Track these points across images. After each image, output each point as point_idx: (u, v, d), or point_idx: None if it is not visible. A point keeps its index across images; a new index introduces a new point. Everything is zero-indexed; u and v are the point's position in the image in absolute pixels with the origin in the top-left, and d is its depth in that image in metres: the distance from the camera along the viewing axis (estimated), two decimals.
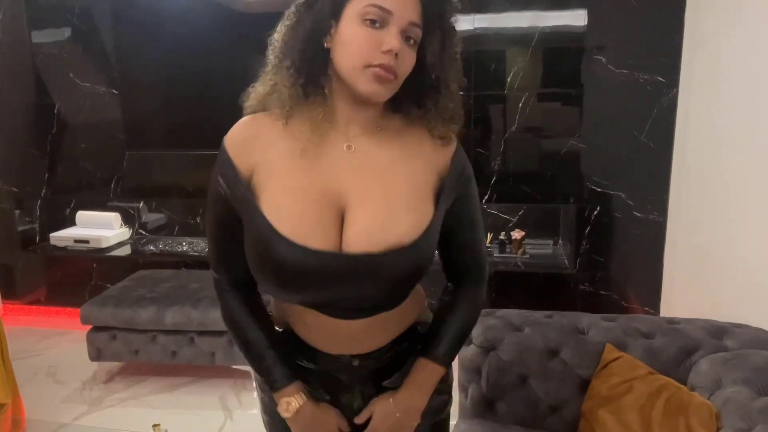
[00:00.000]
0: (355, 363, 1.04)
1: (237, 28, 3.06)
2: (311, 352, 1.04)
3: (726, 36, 2.17)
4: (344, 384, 1.06)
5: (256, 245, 0.93)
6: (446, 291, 1.12)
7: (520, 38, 2.80)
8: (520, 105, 2.86)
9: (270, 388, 1.03)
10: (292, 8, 0.96)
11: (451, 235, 1.04)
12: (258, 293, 1.07)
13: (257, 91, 0.99)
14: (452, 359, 1.08)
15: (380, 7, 0.88)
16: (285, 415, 1.02)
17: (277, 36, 0.97)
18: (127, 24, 3.20)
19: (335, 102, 0.96)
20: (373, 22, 0.88)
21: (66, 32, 3.27)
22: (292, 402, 1.01)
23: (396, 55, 0.89)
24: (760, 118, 1.87)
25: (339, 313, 0.98)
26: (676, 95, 2.63)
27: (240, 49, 3.08)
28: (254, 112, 1.00)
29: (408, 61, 0.92)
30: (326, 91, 0.95)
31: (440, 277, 1.14)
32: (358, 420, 1.06)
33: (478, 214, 1.06)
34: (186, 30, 3.10)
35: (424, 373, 1.05)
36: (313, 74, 0.94)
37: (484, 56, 2.86)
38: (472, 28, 2.84)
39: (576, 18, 2.73)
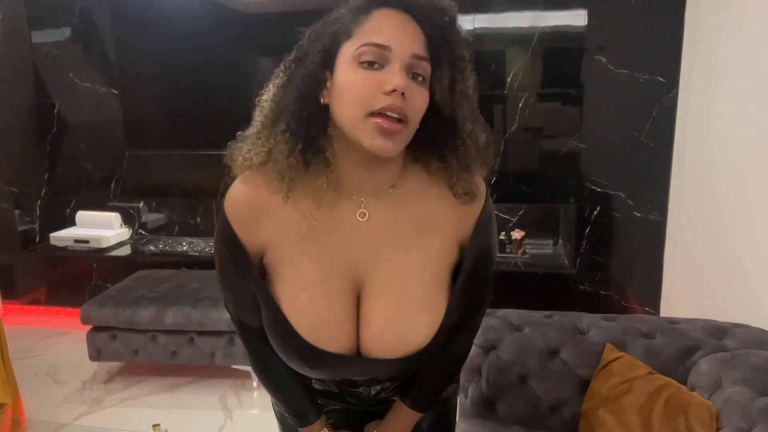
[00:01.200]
0: (374, 391, 1.06)
1: (237, 29, 3.07)
2: (327, 384, 1.07)
3: (726, 36, 2.17)
4: (356, 404, 1.09)
5: (273, 330, 0.89)
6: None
7: (520, 38, 2.80)
8: (520, 105, 2.86)
9: (300, 423, 1.02)
10: (281, 66, 0.85)
11: (464, 290, 0.93)
12: None
13: (246, 155, 0.87)
14: (430, 405, 1.04)
15: (376, 45, 0.76)
16: None
17: (266, 96, 0.86)
18: (127, 24, 3.20)
19: (340, 165, 0.84)
20: (371, 63, 0.77)
21: (66, 32, 3.27)
22: None
23: (402, 94, 0.75)
24: (760, 118, 1.87)
25: (352, 392, 1.04)
26: (676, 95, 2.63)
27: (240, 49, 3.08)
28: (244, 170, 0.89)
29: (419, 100, 0.78)
30: (328, 155, 0.83)
31: None
32: None
33: (494, 261, 0.97)
34: (186, 30, 3.10)
35: (400, 416, 1.03)
36: (312, 137, 0.81)
37: (484, 56, 2.86)
38: (472, 28, 2.84)
39: (576, 18, 2.73)
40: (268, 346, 0.94)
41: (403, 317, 0.87)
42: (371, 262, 0.87)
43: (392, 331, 0.86)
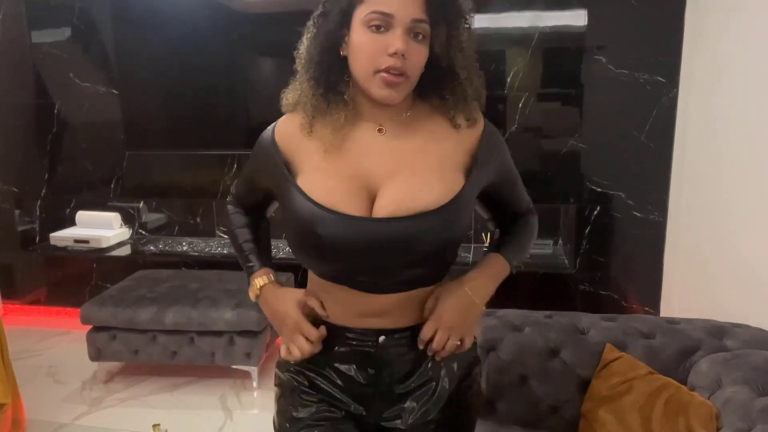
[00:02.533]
0: (381, 339, 1.03)
1: (237, 29, 3.06)
2: (337, 332, 1.04)
3: (726, 36, 2.17)
4: (374, 359, 1.04)
5: (294, 218, 0.99)
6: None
7: (520, 38, 2.80)
8: (520, 105, 2.86)
9: (247, 274, 1.15)
10: (311, 21, 1.01)
11: (501, 199, 1.15)
12: (261, 217, 1.23)
13: (287, 97, 1.06)
14: (518, 263, 1.14)
15: (381, 12, 0.91)
16: (252, 297, 1.13)
17: (301, 48, 1.02)
18: (127, 24, 3.20)
19: (359, 101, 1.01)
20: (377, 27, 0.92)
21: (66, 32, 3.27)
22: (257, 282, 1.12)
23: (403, 55, 0.92)
24: (760, 117, 1.87)
25: (370, 287, 1.00)
26: (676, 95, 2.63)
27: (240, 49, 3.08)
28: (288, 111, 1.07)
29: (418, 57, 0.95)
30: (346, 97, 1.00)
31: None
32: (426, 313, 1.02)
33: (516, 171, 1.16)
34: (186, 30, 3.10)
35: (495, 264, 1.10)
36: (332, 83, 0.99)
37: (484, 56, 2.82)
38: (471, 28, 2.83)
39: (576, 18, 2.73)
40: (243, 213, 1.21)
41: (417, 183, 0.97)
42: (388, 163, 0.99)
43: (405, 192, 0.96)
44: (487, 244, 3.11)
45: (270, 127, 1.08)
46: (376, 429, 1.08)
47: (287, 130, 1.05)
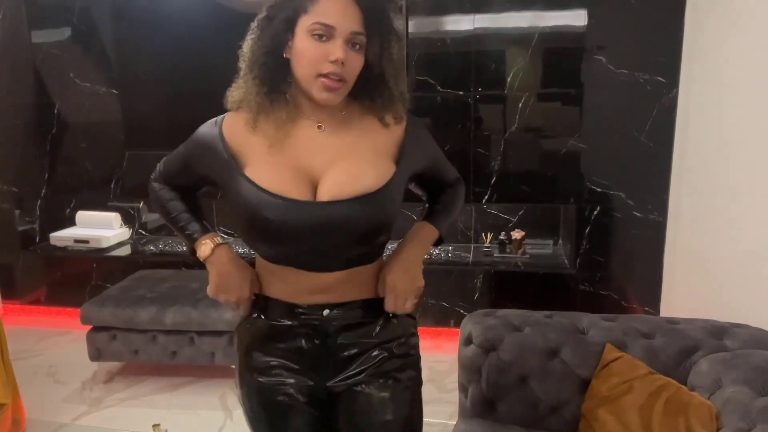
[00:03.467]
0: (325, 312, 1.12)
1: (237, 28, 3.03)
2: (287, 308, 1.14)
3: (726, 36, 2.17)
4: (320, 331, 1.13)
5: (241, 204, 1.06)
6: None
7: (520, 38, 2.80)
8: (520, 105, 2.86)
9: (189, 243, 1.21)
10: (255, 22, 1.10)
11: (435, 176, 1.27)
12: (187, 193, 1.27)
13: (233, 94, 1.13)
14: (444, 225, 1.26)
15: (324, 24, 1.01)
16: (202, 255, 1.18)
17: (245, 47, 1.11)
18: (127, 24, 3.20)
19: (299, 100, 1.10)
20: (320, 36, 1.01)
21: (66, 32, 3.27)
22: (207, 242, 1.18)
23: (342, 63, 1.01)
24: (760, 117, 1.87)
25: (316, 266, 1.09)
26: (676, 95, 2.63)
27: (240, 49, 3.08)
28: (233, 110, 1.14)
29: (354, 65, 1.05)
30: (287, 96, 1.09)
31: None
32: (380, 292, 1.15)
33: (440, 152, 1.27)
34: (186, 30, 3.10)
35: (422, 230, 1.23)
36: (275, 83, 1.08)
37: (484, 56, 2.86)
38: (472, 28, 2.84)
39: (576, 18, 2.73)
40: (170, 188, 1.25)
41: (355, 170, 1.07)
42: (327, 156, 1.08)
43: (345, 178, 1.06)
44: (486, 244, 3.11)
45: (213, 121, 1.15)
46: (326, 395, 1.17)
47: (234, 127, 1.12)
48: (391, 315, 1.17)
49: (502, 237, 3.07)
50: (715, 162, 2.23)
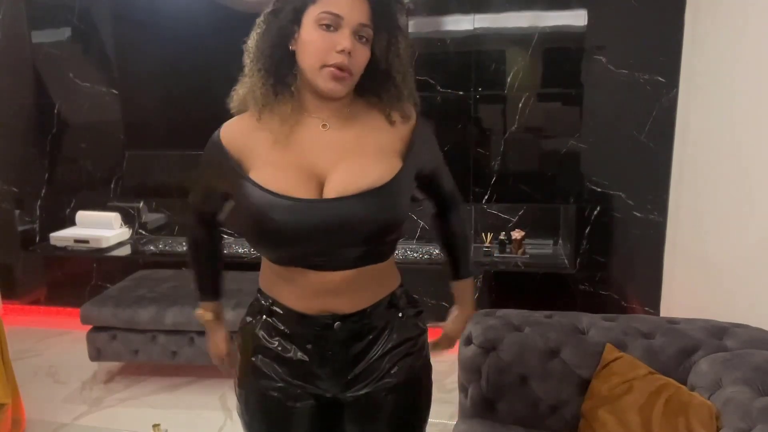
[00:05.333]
0: (336, 325, 1.09)
1: (237, 28, 3.02)
2: (294, 317, 1.11)
3: (726, 36, 2.17)
4: (319, 347, 1.11)
5: (249, 208, 1.05)
6: (434, 216, 1.35)
7: (520, 38, 2.80)
8: (520, 105, 2.86)
9: (197, 295, 1.34)
10: (261, 17, 1.09)
11: (432, 185, 1.26)
12: (216, 231, 1.32)
13: (238, 93, 1.13)
14: (471, 271, 1.37)
15: (332, 13, 1.00)
16: (198, 318, 1.35)
17: (250, 43, 1.11)
18: (127, 24, 3.20)
19: (304, 96, 1.09)
20: (327, 26, 1.01)
21: (66, 32, 3.27)
22: (205, 316, 1.35)
23: (349, 53, 1.01)
24: (760, 117, 1.87)
25: (323, 266, 1.07)
26: (676, 95, 2.63)
27: (240, 49, 3.07)
28: (239, 112, 1.13)
29: (361, 57, 1.04)
30: (293, 89, 1.07)
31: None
32: (441, 348, 1.36)
33: (442, 158, 1.27)
34: (186, 30, 3.10)
35: (468, 288, 1.37)
36: (281, 75, 1.06)
37: (484, 56, 2.86)
38: (472, 28, 2.84)
39: (576, 18, 2.73)
40: (208, 232, 1.30)
41: (360, 166, 1.06)
42: (332, 154, 1.07)
43: (350, 174, 1.04)
44: (486, 245, 3.11)
45: (215, 134, 1.14)
46: (334, 404, 1.16)
47: (232, 131, 1.11)
48: (400, 315, 1.16)
49: (502, 237, 3.07)
50: (715, 162, 2.23)
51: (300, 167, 1.05)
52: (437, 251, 3.06)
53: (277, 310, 1.13)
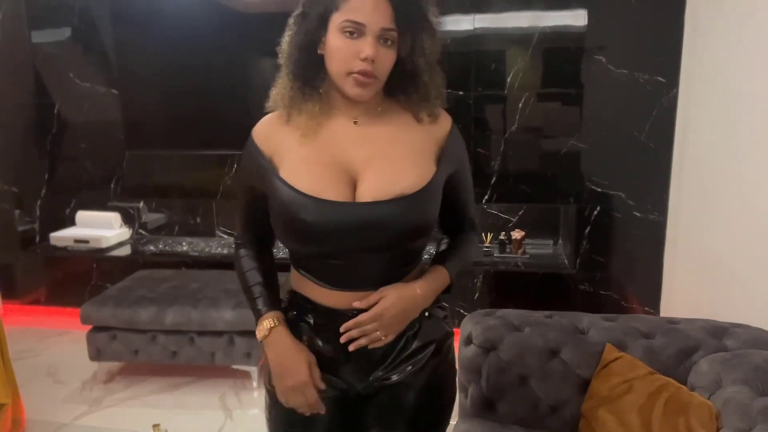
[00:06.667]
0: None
1: (237, 28, 3.06)
2: (322, 310, 1.13)
3: (726, 36, 2.17)
4: (346, 341, 1.10)
5: (280, 208, 1.07)
6: (444, 240, 1.28)
7: (520, 38, 2.80)
8: (520, 105, 2.86)
9: (255, 317, 1.16)
10: (291, 19, 1.10)
11: (453, 196, 1.19)
12: (269, 255, 1.25)
13: (273, 92, 1.14)
14: (454, 272, 1.20)
15: (354, 21, 1.01)
16: (259, 336, 1.13)
17: (283, 44, 1.11)
18: (127, 24, 3.20)
19: (333, 96, 1.10)
20: (351, 33, 1.01)
21: (66, 32, 3.27)
22: (265, 323, 1.12)
23: (373, 60, 1.01)
24: (760, 117, 1.87)
25: (351, 265, 1.08)
26: (676, 95, 2.63)
27: (240, 49, 3.08)
28: (275, 110, 1.14)
29: (386, 61, 1.04)
30: (321, 91, 1.09)
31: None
32: (364, 302, 1.08)
33: (469, 171, 1.24)
34: (186, 30, 3.10)
35: (441, 277, 1.17)
36: (308, 78, 1.09)
37: (484, 56, 2.86)
38: (472, 28, 2.84)
39: (576, 18, 2.73)
40: (251, 256, 1.22)
41: (394, 169, 1.07)
42: (364, 151, 1.08)
43: (385, 178, 1.05)
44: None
45: (248, 140, 1.15)
46: (359, 402, 1.16)
47: (264, 129, 1.14)
48: (426, 314, 1.16)
49: (502, 237, 3.07)
50: (715, 162, 2.23)
51: (331, 164, 1.06)
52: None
53: (306, 304, 1.15)
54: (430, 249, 1.19)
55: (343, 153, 1.07)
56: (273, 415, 1.20)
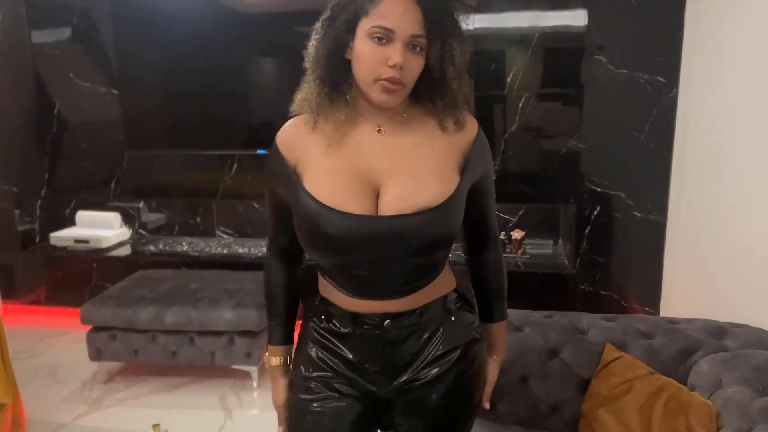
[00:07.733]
0: (386, 323, 1.11)
1: (237, 28, 3.06)
2: (347, 316, 1.14)
3: (726, 36, 2.17)
4: (371, 345, 1.13)
5: (303, 218, 1.07)
6: (470, 261, 1.30)
7: (520, 38, 2.80)
8: (520, 105, 2.86)
9: (269, 340, 1.26)
10: (319, 23, 1.08)
11: (477, 206, 1.18)
12: (297, 266, 1.27)
13: (298, 96, 1.13)
14: (506, 313, 1.29)
15: (383, 28, 0.99)
16: (266, 362, 1.26)
17: (309, 48, 1.10)
18: (127, 24, 3.20)
19: (359, 102, 1.09)
20: (379, 39, 1.00)
21: (66, 32, 3.27)
22: (273, 360, 1.24)
23: (401, 67, 1.00)
24: (760, 117, 1.87)
25: (374, 273, 1.09)
26: (676, 95, 2.63)
27: (240, 49, 3.08)
28: (298, 114, 1.13)
29: (414, 68, 1.03)
30: (348, 97, 1.08)
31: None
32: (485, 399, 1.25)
33: (493, 182, 1.23)
34: (186, 30, 3.10)
35: (501, 332, 1.29)
36: (336, 84, 1.07)
37: (484, 56, 2.86)
38: (472, 28, 2.83)
39: (576, 18, 2.73)
40: (282, 272, 1.24)
41: (417, 182, 1.05)
42: (387, 160, 1.07)
43: (407, 191, 1.04)
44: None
45: (272, 145, 1.15)
46: (383, 403, 1.17)
47: (288, 134, 1.12)
48: (453, 318, 1.17)
49: (502, 237, 3.07)
50: (714, 162, 2.23)
51: (354, 175, 1.05)
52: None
53: (331, 309, 1.15)
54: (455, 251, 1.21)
55: (367, 164, 1.06)
56: (296, 416, 1.20)
